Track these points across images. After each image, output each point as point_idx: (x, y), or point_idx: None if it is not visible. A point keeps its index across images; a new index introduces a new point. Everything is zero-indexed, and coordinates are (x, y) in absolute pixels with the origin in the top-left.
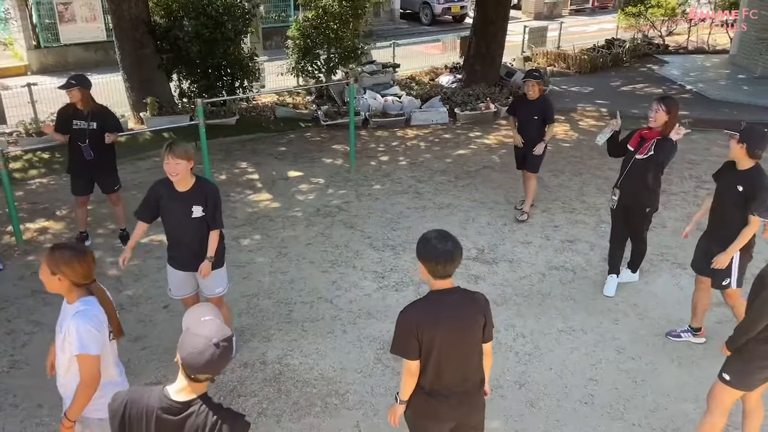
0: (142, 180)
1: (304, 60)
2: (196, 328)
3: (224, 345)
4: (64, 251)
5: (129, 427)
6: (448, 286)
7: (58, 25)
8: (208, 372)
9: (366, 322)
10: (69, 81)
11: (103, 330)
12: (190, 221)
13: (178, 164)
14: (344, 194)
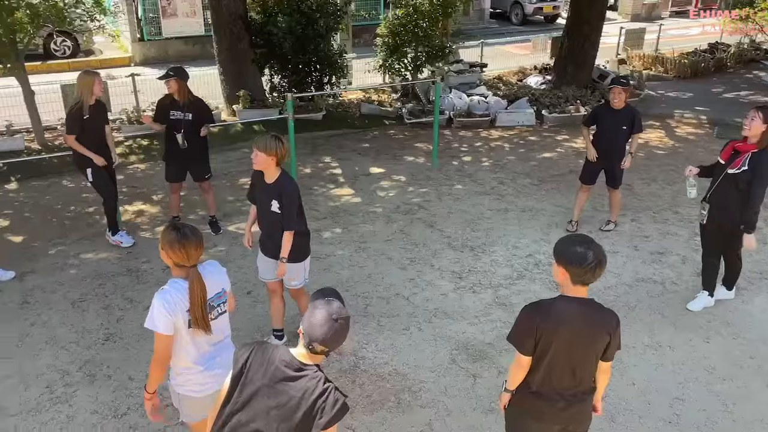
0: (232, 170)
1: (391, 58)
2: (320, 305)
3: (341, 322)
4: (172, 232)
5: (248, 368)
6: (582, 295)
7: (161, 20)
8: (324, 344)
9: (442, 322)
10: (167, 72)
11: (175, 314)
12: (269, 213)
13: (257, 155)
14: (425, 193)
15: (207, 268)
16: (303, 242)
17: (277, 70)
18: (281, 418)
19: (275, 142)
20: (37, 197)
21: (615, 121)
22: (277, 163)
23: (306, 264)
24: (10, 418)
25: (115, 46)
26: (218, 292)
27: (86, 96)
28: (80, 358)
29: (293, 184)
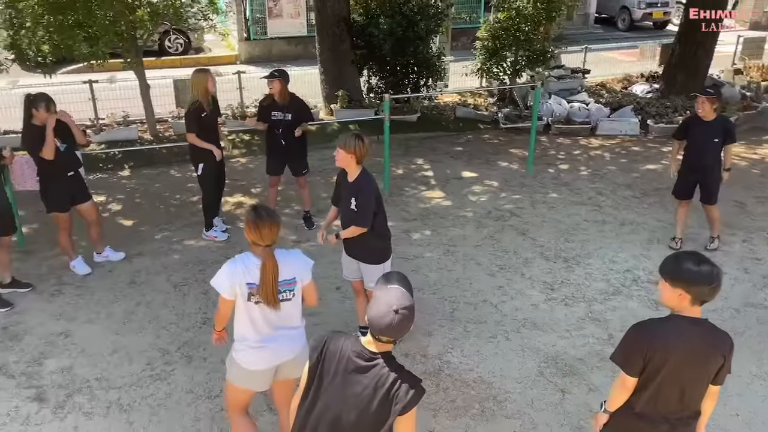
0: (326, 167)
1: (490, 61)
2: (381, 294)
3: (403, 312)
4: (251, 213)
5: (324, 358)
6: (696, 315)
7: (267, 20)
8: (388, 335)
9: (531, 333)
10: (273, 73)
11: (234, 283)
12: (349, 211)
13: (338, 152)
14: (518, 199)
15: (285, 254)
16: (383, 245)
17: (376, 71)
18: (359, 406)
19: (355, 141)
20: (147, 184)
21: (706, 132)
22: (358, 162)
23: (386, 267)
24: (114, 390)
25: (223, 44)
26: (287, 278)
27: (202, 94)
28: (179, 339)
29: (372, 184)
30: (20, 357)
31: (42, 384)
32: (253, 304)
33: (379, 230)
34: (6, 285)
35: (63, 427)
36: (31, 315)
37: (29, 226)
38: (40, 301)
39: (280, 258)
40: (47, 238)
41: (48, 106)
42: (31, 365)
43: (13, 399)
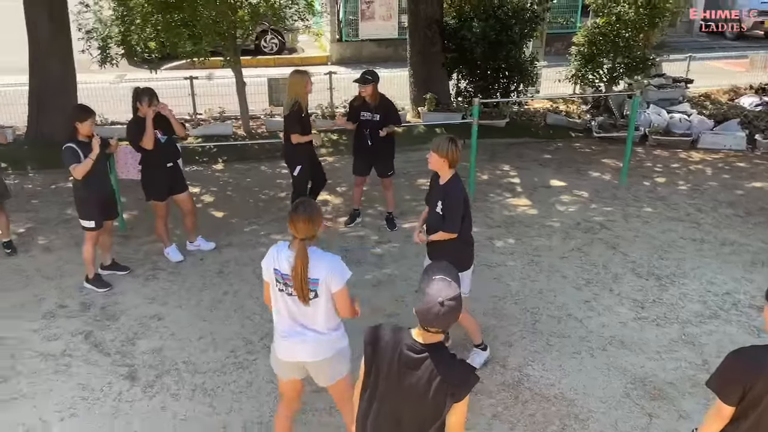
0: (411, 170)
1: (585, 68)
2: (426, 285)
3: (449, 303)
4: (292, 207)
5: (378, 352)
6: None
7: (359, 22)
8: (435, 326)
9: (618, 351)
10: (366, 77)
11: (268, 266)
12: (434, 213)
13: (430, 155)
14: (609, 212)
15: (321, 255)
16: (464, 252)
17: (465, 75)
18: (416, 398)
19: (447, 144)
20: (238, 179)
21: None
22: (450, 165)
23: (466, 275)
24: (199, 375)
25: (315, 45)
26: (312, 277)
27: (302, 95)
28: (262, 329)
29: (460, 189)
30: (116, 336)
31: (134, 363)
32: (278, 291)
33: (463, 236)
34: (106, 267)
35: (152, 405)
36: (127, 297)
37: (130, 212)
38: (135, 284)
39: (314, 256)
40: (145, 225)
41: (150, 100)
42: (125, 344)
43: (108, 375)
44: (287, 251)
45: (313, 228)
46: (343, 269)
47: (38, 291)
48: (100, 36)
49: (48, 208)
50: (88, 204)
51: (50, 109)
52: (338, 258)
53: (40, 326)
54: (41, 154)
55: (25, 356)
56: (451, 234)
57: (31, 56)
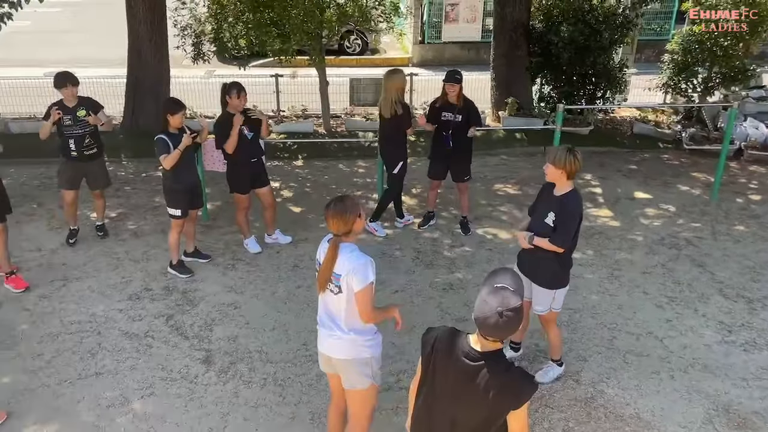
0: (488, 174)
1: (678, 76)
2: (487, 293)
3: (508, 315)
4: (330, 200)
5: (436, 354)
6: None
7: (443, 24)
8: (492, 336)
9: (700, 375)
10: (456, 76)
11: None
12: (541, 224)
13: (547, 168)
14: (697, 228)
15: (350, 253)
16: (563, 271)
17: (549, 80)
18: (471, 405)
19: (565, 155)
20: (317, 176)
21: None
22: (568, 177)
23: (558, 294)
24: (271, 364)
25: (397, 46)
26: (336, 272)
27: (401, 95)
28: None
29: (578, 203)
30: (195, 321)
31: (211, 348)
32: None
33: (566, 253)
34: (189, 254)
35: (225, 390)
36: (207, 284)
37: (213, 203)
38: (215, 272)
39: (344, 252)
40: (227, 216)
41: (239, 93)
42: (203, 329)
43: (185, 358)
44: (326, 244)
45: (345, 224)
46: (366, 271)
47: (126, 273)
48: (194, 32)
49: (138, 195)
50: (176, 193)
51: (145, 101)
52: (366, 260)
53: (126, 307)
54: (135, 144)
55: (111, 334)
56: (559, 248)
57: (129, 50)
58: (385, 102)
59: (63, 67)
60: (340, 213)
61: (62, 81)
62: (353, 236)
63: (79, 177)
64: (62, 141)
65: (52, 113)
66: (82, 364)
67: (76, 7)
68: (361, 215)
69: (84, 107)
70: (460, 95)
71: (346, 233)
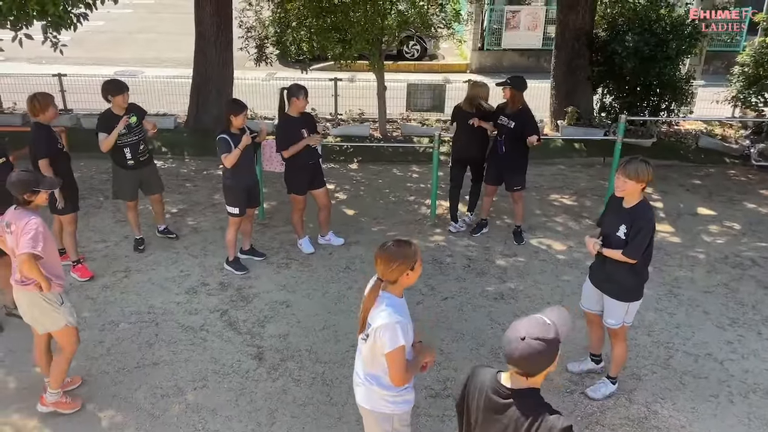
0: (543, 184)
1: (749, 90)
2: (523, 320)
3: (531, 342)
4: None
5: (468, 394)
6: None
7: (503, 31)
8: (518, 366)
9: (762, 401)
10: (506, 80)
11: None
12: (612, 236)
13: (625, 183)
14: (764, 248)
15: (385, 307)
16: (636, 283)
17: (612, 90)
18: None
19: (646, 168)
20: (371, 179)
21: None
22: (643, 188)
23: (632, 307)
24: (320, 364)
25: (456, 52)
26: (369, 322)
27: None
28: None
29: (651, 215)
30: (248, 317)
31: (262, 345)
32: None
33: (639, 266)
34: (245, 251)
35: (274, 387)
36: (261, 281)
37: (269, 202)
38: (269, 270)
39: (380, 303)
40: (283, 216)
41: (306, 94)
42: (255, 326)
43: (238, 353)
44: (372, 282)
45: (391, 273)
46: (395, 334)
47: (184, 267)
48: (258, 35)
49: (199, 192)
50: (234, 192)
51: (209, 101)
52: (397, 321)
53: (183, 300)
54: (198, 142)
55: (168, 326)
56: (630, 259)
57: (196, 50)
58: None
59: (132, 66)
60: (388, 258)
61: (119, 88)
62: (399, 287)
63: (137, 185)
64: (116, 151)
65: (121, 123)
66: (140, 354)
67: (148, 8)
68: (415, 268)
69: (134, 114)
70: (513, 100)
71: (391, 282)
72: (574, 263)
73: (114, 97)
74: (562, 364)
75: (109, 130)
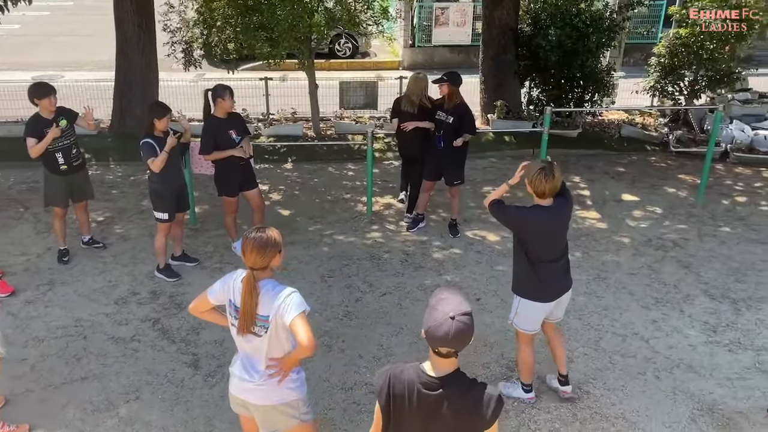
0: (477, 177)
1: (665, 79)
2: (436, 302)
3: (461, 318)
4: (251, 229)
5: (393, 399)
6: None
7: (433, 28)
8: (447, 345)
9: (685, 375)
10: (442, 76)
11: (223, 292)
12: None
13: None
14: (684, 230)
15: (272, 288)
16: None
17: (538, 83)
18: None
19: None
20: (306, 179)
21: None
22: (538, 196)
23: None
24: None
25: (388, 50)
26: (262, 314)
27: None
28: (321, 328)
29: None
30: (182, 324)
31: (197, 352)
32: (231, 325)
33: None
34: (177, 258)
35: (211, 394)
36: (194, 287)
37: (201, 206)
38: (203, 275)
39: (265, 291)
40: (215, 219)
41: (232, 94)
42: (190, 333)
43: (172, 362)
44: (239, 283)
45: (263, 259)
46: (299, 302)
47: (113, 277)
48: (183, 38)
49: (126, 198)
50: (162, 196)
51: (133, 104)
52: (292, 290)
53: (112, 311)
54: (123, 146)
55: (97, 339)
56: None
57: (118, 52)
58: (412, 101)
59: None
60: (260, 247)
61: (46, 91)
62: (269, 272)
63: (69, 191)
64: (48, 156)
65: (52, 130)
66: (67, 369)
67: (66, 10)
68: (282, 250)
69: (63, 117)
70: (451, 96)
71: (262, 268)
72: (508, 253)
73: (40, 100)
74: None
75: (38, 134)
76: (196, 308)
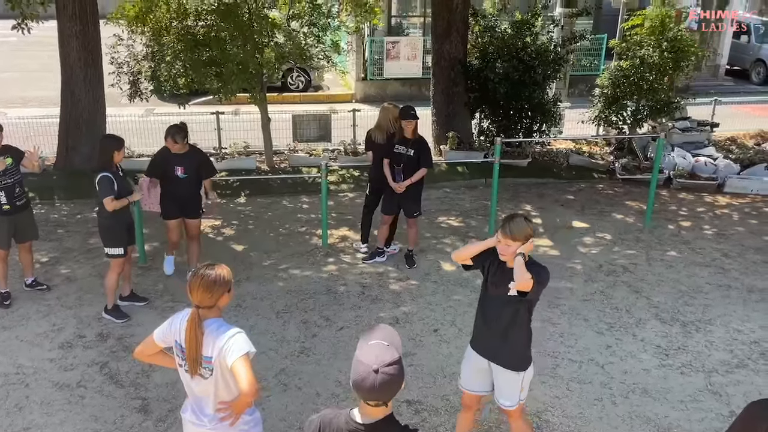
0: (431, 207)
1: (609, 109)
2: (360, 353)
3: (385, 371)
4: (200, 265)
5: None
6: None
7: (385, 61)
8: (373, 398)
9: (641, 399)
10: (412, 113)
11: (170, 333)
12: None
13: (509, 246)
14: (632, 255)
15: (217, 328)
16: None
17: (488, 115)
18: None
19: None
20: (260, 213)
21: None
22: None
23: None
24: None
25: (340, 83)
26: (206, 355)
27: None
28: (277, 365)
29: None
30: (131, 367)
31: (148, 396)
32: (179, 366)
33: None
34: (125, 297)
35: None
36: (144, 328)
37: (150, 244)
38: (153, 315)
39: (210, 331)
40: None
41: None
42: (139, 376)
43: (121, 408)
44: (184, 323)
45: (210, 298)
46: (243, 343)
47: (57, 320)
48: (130, 70)
49: (72, 237)
50: (115, 231)
51: (79, 140)
52: (237, 331)
53: (57, 356)
54: (69, 184)
55: (41, 386)
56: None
57: (63, 87)
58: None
59: None
60: (207, 285)
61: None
62: (217, 311)
63: (12, 231)
64: None
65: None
66: (8, 420)
67: (9, 46)
68: (231, 289)
69: (8, 155)
70: (414, 130)
71: (209, 307)
72: (464, 282)
73: None
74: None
75: None
76: (142, 352)
